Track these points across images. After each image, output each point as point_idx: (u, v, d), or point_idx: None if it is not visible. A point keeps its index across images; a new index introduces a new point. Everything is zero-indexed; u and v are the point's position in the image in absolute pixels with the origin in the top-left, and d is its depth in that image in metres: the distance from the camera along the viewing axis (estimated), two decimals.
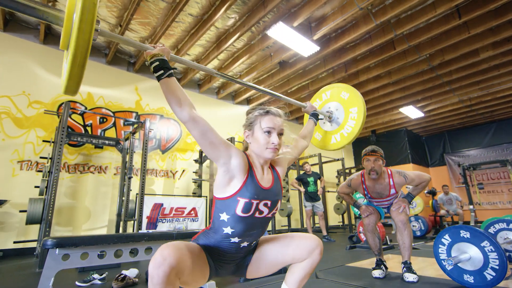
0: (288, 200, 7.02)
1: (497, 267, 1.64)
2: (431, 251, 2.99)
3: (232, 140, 4.98)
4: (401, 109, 7.67)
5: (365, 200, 2.50)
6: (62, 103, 4.48)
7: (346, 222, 7.91)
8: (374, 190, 2.23)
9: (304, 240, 1.08)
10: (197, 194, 5.42)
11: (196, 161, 5.86)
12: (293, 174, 8.01)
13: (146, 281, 2.23)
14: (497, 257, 1.64)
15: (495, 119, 9.12)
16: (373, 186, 2.22)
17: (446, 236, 1.85)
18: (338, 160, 7.49)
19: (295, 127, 8.78)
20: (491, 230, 2.59)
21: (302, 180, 5.31)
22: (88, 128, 4.74)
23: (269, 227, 5.81)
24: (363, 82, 6.46)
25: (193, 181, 5.62)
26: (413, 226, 5.25)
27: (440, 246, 1.87)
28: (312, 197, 5.16)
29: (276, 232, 6.59)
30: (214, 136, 0.97)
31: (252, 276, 1.16)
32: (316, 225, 7.67)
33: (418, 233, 5.19)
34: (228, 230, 1.00)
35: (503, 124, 9.13)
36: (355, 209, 5.47)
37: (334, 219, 8.46)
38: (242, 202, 0.97)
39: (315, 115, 1.59)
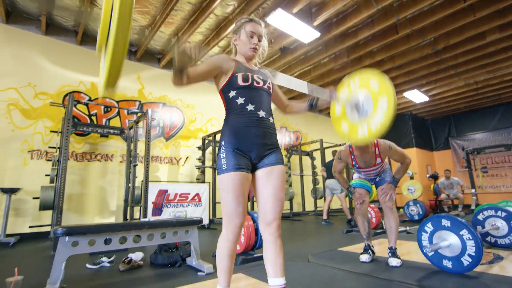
0: (290, 185, 7.19)
1: (473, 254, 1.75)
2: None
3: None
4: (405, 94, 7.58)
5: (355, 172, 2.61)
6: (67, 94, 4.60)
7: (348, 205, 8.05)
8: (361, 159, 2.33)
9: (278, 213, 1.21)
10: (200, 180, 5.59)
11: (199, 148, 6.00)
12: (295, 159, 8.11)
13: (151, 263, 2.43)
14: (474, 244, 1.74)
15: (503, 102, 8.95)
16: (361, 156, 2.32)
17: (429, 225, 1.96)
18: (340, 145, 7.55)
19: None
20: (480, 216, 2.68)
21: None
22: (93, 118, 4.88)
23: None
24: (366, 67, 6.37)
25: (197, 167, 5.78)
26: (411, 210, 5.37)
27: (423, 233, 1.98)
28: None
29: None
30: (206, 72, 1.23)
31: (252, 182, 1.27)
32: (319, 208, 7.86)
33: (416, 217, 5.31)
34: (240, 100, 1.23)
35: (511, 107, 8.96)
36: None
37: (337, 203, 8.63)
38: (240, 75, 1.25)
39: (313, 102, 1.47)
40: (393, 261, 2.09)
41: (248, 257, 2.38)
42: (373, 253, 2.35)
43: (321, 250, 2.79)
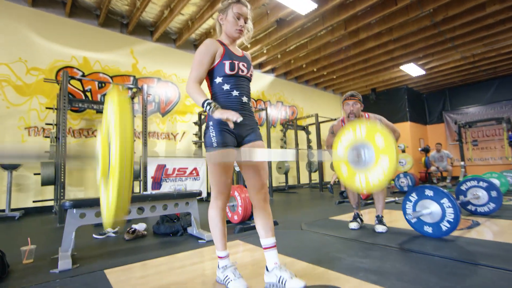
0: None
1: (452, 220, 1.91)
2: None
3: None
4: (402, 67, 7.54)
5: None
6: (60, 69, 4.52)
7: None
8: None
9: (265, 180, 1.36)
10: (197, 155, 5.70)
11: (195, 123, 6.04)
12: (291, 133, 8.22)
13: (154, 233, 2.58)
14: (453, 212, 1.90)
15: (498, 75, 8.96)
16: None
17: (413, 194, 2.10)
18: (335, 119, 7.62)
19: (293, 86, 8.75)
20: (463, 187, 2.84)
21: None
22: (88, 94, 4.84)
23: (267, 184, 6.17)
24: (363, 39, 6.28)
25: (194, 142, 5.87)
26: (401, 182, 5.60)
27: (407, 202, 2.13)
28: None
29: (274, 188, 7.04)
30: (204, 69, 1.30)
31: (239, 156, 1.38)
32: (314, 181, 8.12)
33: (406, 189, 5.55)
34: (226, 86, 1.32)
35: (506, 81, 8.99)
36: None
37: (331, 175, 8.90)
38: (227, 63, 1.31)
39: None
40: (379, 228, 2.26)
41: (245, 226, 2.54)
42: (362, 221, 2.52)
43: (314, 219, 2.97)
